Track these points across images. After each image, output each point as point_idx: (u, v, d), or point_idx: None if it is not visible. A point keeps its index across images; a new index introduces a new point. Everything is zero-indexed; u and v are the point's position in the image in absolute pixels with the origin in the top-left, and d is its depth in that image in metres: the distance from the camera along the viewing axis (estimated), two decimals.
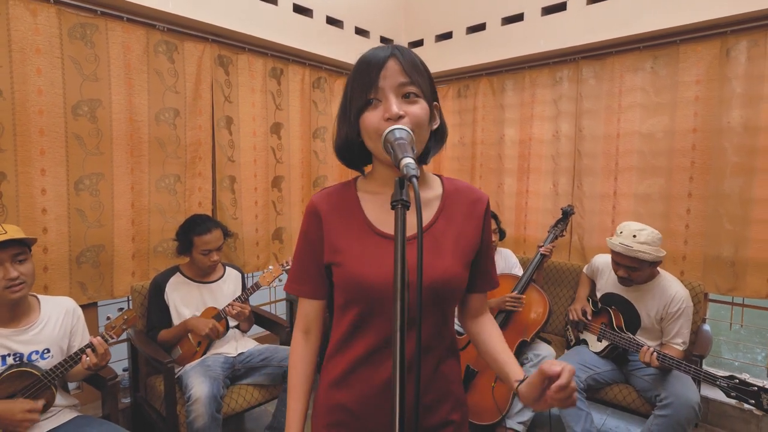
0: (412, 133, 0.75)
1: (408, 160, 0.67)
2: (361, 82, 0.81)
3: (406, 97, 0.80)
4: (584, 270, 2.52)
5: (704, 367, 2.59)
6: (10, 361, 1.51)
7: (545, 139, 3.08)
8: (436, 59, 3.40)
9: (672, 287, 2.10)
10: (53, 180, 2.09)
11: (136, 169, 2.35)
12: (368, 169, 0.95)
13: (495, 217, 2.60)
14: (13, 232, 1.51)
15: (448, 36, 3.33)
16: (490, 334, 0.97)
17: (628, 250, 2.03)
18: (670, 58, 2.59)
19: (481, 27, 3.15)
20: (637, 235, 2.05)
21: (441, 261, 0.85)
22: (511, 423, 2.29)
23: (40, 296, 1.67)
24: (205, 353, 2.17)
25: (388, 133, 0.74)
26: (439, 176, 0.97)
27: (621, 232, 2.11)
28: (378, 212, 0.88)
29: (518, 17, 2.98)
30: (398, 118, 0.77)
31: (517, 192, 3.22)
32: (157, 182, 2.43)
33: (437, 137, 0.90)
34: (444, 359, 0.91)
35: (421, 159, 0.90)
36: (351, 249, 0.85)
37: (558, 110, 3.01)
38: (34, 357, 1.56)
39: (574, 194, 2.97)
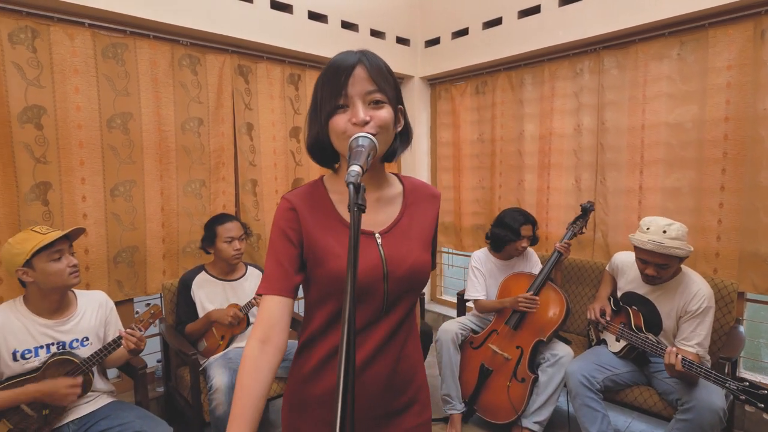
0: (375, 139, 0.79)
1: (353, 168, 0.70)
2: (331, 87, 0.85)
3: (373, 104, 0.85)
4: (606, 268, 2.44)
5: (742, 371, 2.46)
6: (54, 349, 1.69)
7: (566, 133, 2.99)
8: (453, 56, 3.39)
9: (695, 284, 1.99)
10: (92, 188, 2.31)
11: (164, 176, 2.54)
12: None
13: (534, 223, 2.53)
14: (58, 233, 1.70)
15: (464, 32, 3.31)
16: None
17: (660, 247, 1.90)
18: (698, 43, 2.45)
19: (497, 21, 3.11)
20: (667, 230, 1.92)
21: (411, 252, 0.92)
22: (527, 422, 2.27)
23: (76, 291, 1.86)
24: (227, 347, 2.31)
25: (353, 140, 0.79)
26: (396, 174, 1.02)
27: (648, 228, 1.98)
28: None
29: (535, 9, 2.92)
30: (364, 123, 0.82)
31: (538, 189, 3.15)
32: (184, 187, 2.61)
33: (402, 138, 0.94)
34: (407, 342, 0.96)
35: (388, 158, 0.95)
36: (331, 246, 0.89)
37: (579, 103, 2.91)
38: (75, 345, 1.74)
39: (597, 190, 2.87)
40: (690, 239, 2.48)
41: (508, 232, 2.48)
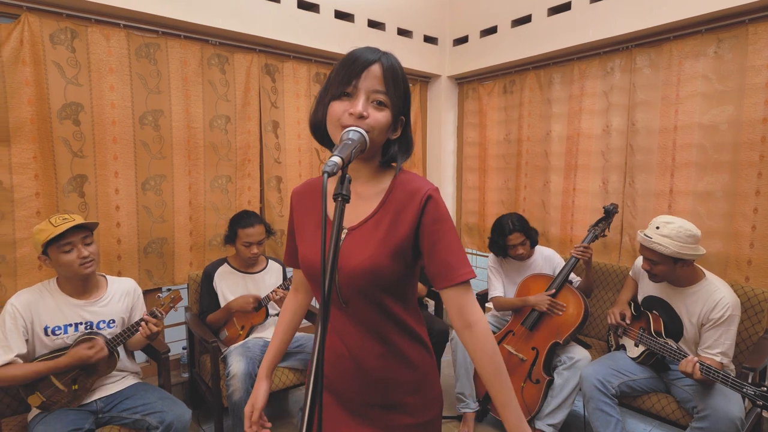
0: (366, 135, 0.82)
1: (333, 158, 0.72)
2: (344, 74, 0.87)
3: (376, 103, 0.87)
4: (630, 272, 2.38)
5: None
6: (81, 328, 1.80)
7: (594, 134, 2.91)
8: (481, 55, 3.35)
9: (718, 291, 1.92)
10: (124, 181, 2.43)
11: (193, 171, 2.63)
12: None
13: (522, 228, 2.46)
14: (79, 219, 1.80)
15: (493, 30, 3.26)
16: (486, 371, 0.88)
17: (646, 241, 1.95)
18: (737, 41, 2.33)
19: (526, 19, 3.05)
20: (660, 227, 1.94)
21: (363, 251, 0.90)
22: (540, 424, 2.26)
23: (108, 276, 1.97)
24: (247, 336, 2.39)
25: (344, 132, 0.81)
26: (402, 171, 0.97)
27: (650, 224, 2.02)
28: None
29: (565, 6, 2.85)
30: (359, 116, 0.84)
31: (564, 190, 3.08)
32: (211, 182, 2.71)
33: (402, 147, 0.96)
34: (394, 343, 0.95)
35: (387, 162, 0.97)
36: (304, 235, 1.00)
37: (609, 103, 2.83)
38: (101, 326, 1.85)
39: (625, 192, 2.79)
40: (721, 245, 2.40)
41: (495, 245, 2.56)
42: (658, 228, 1.95)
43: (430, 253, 0.90)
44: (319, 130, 0.95)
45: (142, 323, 1.82)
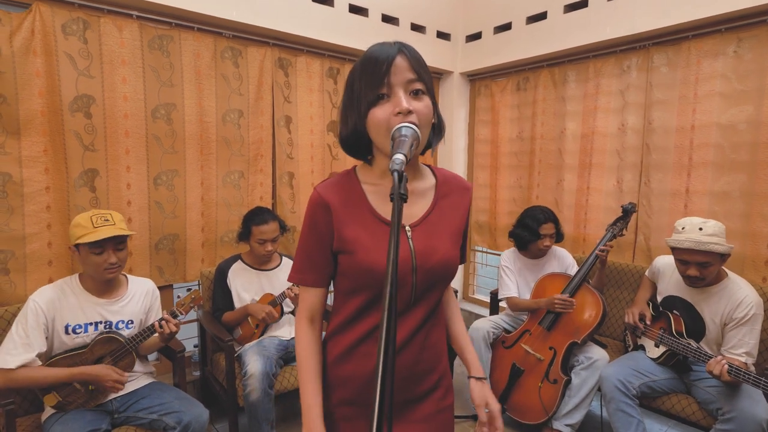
0: (418, 130, 0.79)
1: (397, 156, 0.70)
2: (371, 77, 0.84)
3: (413, 93, 0.85)
4: (646, 273, 2.37)
5: None
6: (101, 327, 1.77)
7: (609, 132, 2.90)
8: (495, 52, 3.33)
9: (741, 291, 1.91)
10: (136, 176, 2.38)
11: (205, 166, 2.59)
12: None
13: (555, 220, 2.53)
14: (119, 221, 1.76)
15: (507, 27, 3.24)
16: (457, 329, 1.11)
17: (698, 245, 1.86)
18: (757, 40, 2.32)
19: (542, 16, 3.03)
20: (703, 227, 1.88)
21: (440, 245, 0.93)
22: (558, 425, 2.25)
23: (128, 275, 1.93)
24: (262, 335, 2.36)
25: (395, 130, 0.79)
26: (430, 166, 1.03)
27: (683, 228, 1.94)
28: (381, 202, 0.94)
29: (582, 3, 2.82)
30: (408, 112, 0.82)
31: (578, 189, 3.07)
32: (223, 178, 2.66)
33: (436, 131, 0.94)
34: (431, 331, 0.97)
35: (422, 150, 0.93)
36: (361, 238, 0.90)
37: (624, 101, 2.82)
38: (120, 326, 1.82)
39: (640, 191, 2.78)
40: (738, 246, 2.40)
41: (527, 233, 2.51)
42: (701, 229, 1.89)
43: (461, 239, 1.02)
44: (354, 142, 0.91)
45: (163, 322, 1.79)
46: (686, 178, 2.58)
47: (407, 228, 0.92)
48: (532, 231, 2.49)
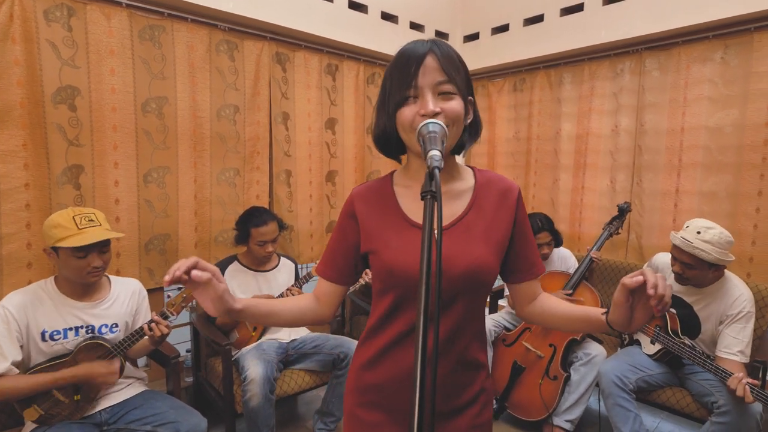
0: (446, 127, 0.77)
1: (434, 152, 0.69)
2: (400, 77, 0.83)
3: (442, 95, 0.82)
4: (644, 267, 2.44)
5: None
6: (83, 332, 1.65)
7: (603, 133, 2.98)
8: (492, 53, 3.35)
9: (736, 288, 1.99)
10: (125, 173, 2.25)
11: (198, 163, 2.48)
12: (404, 159, 0.99)
13: (550, 228, 2.52)
14: (103, 221, 1.64)
15: (504, 28, 3.27)
16: (554, 303, 0.97)
17: (686, 245, 1.93)
18: (742, 47, 2.43)
19: (538, 18, 3.07)
20: (702, 232, 1.93)
21: (473, 250, 0.87)
22: (558, 421, 2.28)
23: (111, 276, 1.81)
24: (260, 338, 2.28)
25: (422, 126, 0.76)
26: (473, 168, 0.99)
27: (686, 227, 2.01)
28: (412, 204, 0.92)
29: (578, 7, 2.88)
30: (434, 115, 0.80)
31: (573, 188, 3.14)
32: (218, 175, 2.56)
33: (471, 131, 0.92)
34: (469, 347, 0.92)
35: (456, 151, 0.93)
36: (387, 240, 0.90)
37: (618, 104, 2.89)
38: (104, 330, 1.69)
39: (632, 191, 2.86)
40: None
41: None
42: (699, 233, 1.93)
43: (519, 248, 0.94)
44: (384, 143, 0.91)
45: (152, 325, 1.67)
46: (676, 179, 2.67)
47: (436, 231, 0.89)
48: None
